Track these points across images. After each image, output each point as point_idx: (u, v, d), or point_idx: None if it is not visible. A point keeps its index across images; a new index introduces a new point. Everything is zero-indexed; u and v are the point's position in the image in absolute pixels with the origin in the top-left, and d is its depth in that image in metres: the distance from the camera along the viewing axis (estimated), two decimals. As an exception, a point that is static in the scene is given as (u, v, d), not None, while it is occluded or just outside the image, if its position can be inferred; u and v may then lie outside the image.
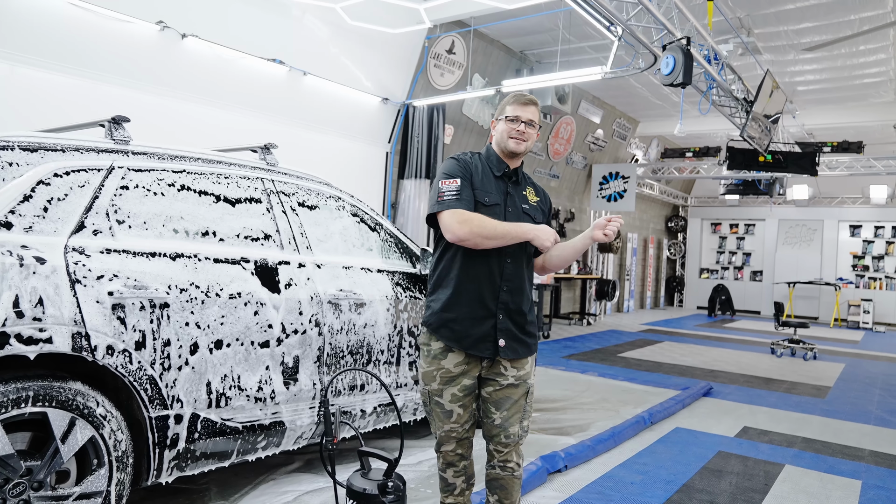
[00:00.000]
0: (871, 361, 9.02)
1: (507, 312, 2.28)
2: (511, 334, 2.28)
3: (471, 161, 2.35)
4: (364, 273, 3.38)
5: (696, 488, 3.50)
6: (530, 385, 2.34)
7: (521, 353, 2.31)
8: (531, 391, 2.36)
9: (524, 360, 2.33)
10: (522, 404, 2.32)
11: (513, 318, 2.29)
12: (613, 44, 5.91)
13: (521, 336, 2.31)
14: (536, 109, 2.35)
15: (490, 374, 2.30)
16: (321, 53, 6.51)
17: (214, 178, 2.92)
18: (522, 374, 2.32)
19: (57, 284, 2.18)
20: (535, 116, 2.34)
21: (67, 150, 2.44)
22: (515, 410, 2.30)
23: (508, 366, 2.30)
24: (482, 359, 2.28)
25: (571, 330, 10.84)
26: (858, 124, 10.85)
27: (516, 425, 2.30)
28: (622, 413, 4.87)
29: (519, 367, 2.31)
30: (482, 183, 2.30)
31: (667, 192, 16.22)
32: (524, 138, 2.31)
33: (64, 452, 2.19)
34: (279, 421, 2.87)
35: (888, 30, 7.29)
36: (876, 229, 15.06)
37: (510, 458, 2.33)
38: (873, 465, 4.13)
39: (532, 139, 2.34)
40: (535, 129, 2.34)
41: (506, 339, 2.27)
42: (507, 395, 2.29)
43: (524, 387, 2.32)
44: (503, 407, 2.29)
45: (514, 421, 2.30)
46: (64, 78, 4.65)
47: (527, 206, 2.37)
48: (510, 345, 2.28)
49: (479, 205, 2.26)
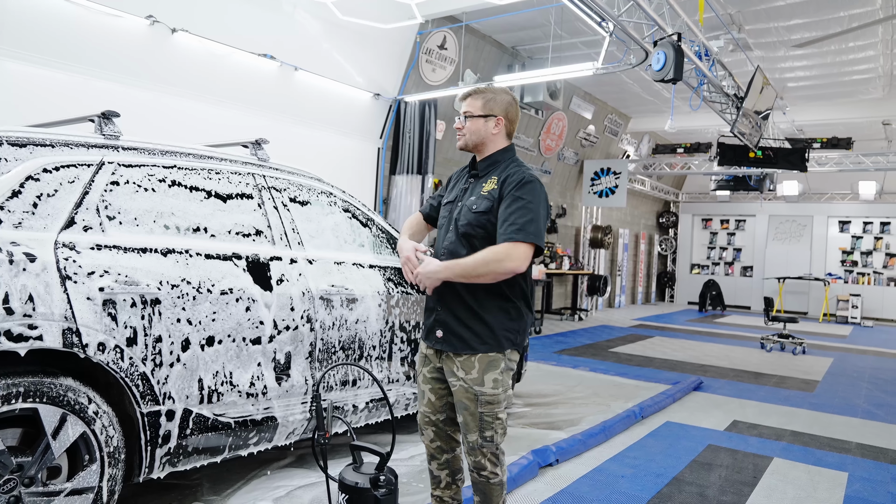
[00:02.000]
0: (858, 356, 9.12)
1: (445, 305, 2.27)
2: (448, 327, 2.25)
3: (465, 167, 2.49)
4: (356, 269, 3.38)
5: (686, 481, 3.53)
6: (479, 392, 2.18)
7: (459, 347, 2.21)
8: (482, 399, 2.19)
9: (470, 363, 2.20)
10: (475, 412, 2.20)
11: (452, 311, 2.25)
12: (605, 40, 5.92)
13: (459, 330, 2.22)
14: (474, 99, 2.31)
15: (447, 372, 2.29)
16: (312, 48, 6.49)
17: (205, 173, 2.91)
18: (471, 378, 2.20)
19: (47, 281, 2.17)
20: (473, 107, 2.30)
21: (57, 145, 2.43)
22: (470, 418, 2.21)
23: (458, 366, 2.23)
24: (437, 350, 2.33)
25: (563, 325, 10.89)
26: (848, 120, 10.93)
27: (474, 433, 2.21)
28: (613, 407, 4.91)
29: (466, 369, 2.21)
30: (453, 185, 2.45)
31: (658, 188, 16.29)
32: (461, 133, 2.33)
33: (55, 448, 2.18)
34: (271, 416, 2.87)
35: (877, 27, 7.34)
36: (864, 225, 15.20)
37: (483, 466, 2.24)
38: (860, 458, 4.18)
39: (469, 130, 2.30)
40: (474, 119, 2.29)
41: (443, 330, 2.27)
42: (459, 398, 2.24)
43: (472, 393, 2.19)
44: (460, 409, 2.25)
45: (472, 428, 2.21)
46: (53, 73, 4.61)
47: (473, 198, 2.27)
48: (447, 337, 2.26)
49: (441, 205, 2.47)
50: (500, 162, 2.31)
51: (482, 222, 2.22)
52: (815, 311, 15.11)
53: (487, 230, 2.22)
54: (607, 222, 14.13)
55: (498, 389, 2.21)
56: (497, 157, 2.32)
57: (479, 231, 2.23)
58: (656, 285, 17.28)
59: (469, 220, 2.25)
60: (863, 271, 15.09)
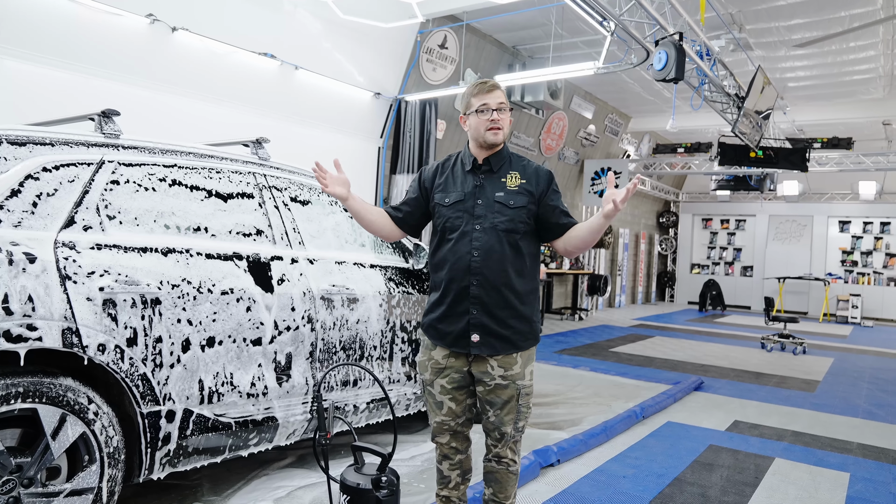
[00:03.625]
0: (859, 356, 9.11)
1: (482, 307, 2.21)
2: (487, 329, 2.21)
3: (445, 164, 2.39)
4: (357, 268, 3.37)
5: (688, 482, 3.53)
6: (521, 386, 2.25)
7: (501, 348, 2.21)
8: (522, 392, 2.26)
9: (512, 359, 2.24)
10: (514, 406, 2.25)
11: (490, 313, 2.20)
12: (606, 39, 5.91)
13: (501, 331, 2.21)
14: (502, 93, 2.26)
15: (478, 373, 2.26)
16: (313, 47, 6.47)
17: (206, 172, 2.89)
18: (511, 374, 2.23)
19: (47, 281, 2.16)
20: (504, 99, 2.26)
21: (57, 143, 2.41)
22: (508, 412, 2.25)
23: (495, 365, 2.23)
24: (467, 354, 2.27)
25: (563, 325, 10.88)
26: (848, 120, 10.92)
27: (509, 426, 2.27)
28: (614, 407, 4.90)
29: (506, 366, 2.23)
30: (447, 185, 2.32)
31: (658, 188, 16.28)
32: (499, 125, 2.22)
33: (54, 449, 2.17)
34: (272, 416, 2.86)
35: (878, 27, 7.33)
36: (864, 225, 15.18)
37: (505, 454, 2.32)
38: (861, 458, 4.17)
39: (507, 124, 2.25)
40: (507, 113, 2.25)
41: (480, 334, 2.21)
42: (496, 396, 2.25)
43: (513, 388, 2.24)
44: (495, 406, 2.26)
45: (508, 421, 2.26)
46: (53, 71, 4.60)
47: (501, 193, 2.24)
48: (486, 340, 2.21)
49: (439, 207, 2.32)
50: (507, 157, 2.31)
51: (523, 216, 2.24)
52: (815, 311, 15.10)
53: (527, 223, 2.25)
54: (607, 222, 14.10)
55: (532, 380, 2.33)
56: (504, 152, 2.32)
57: (521, 226, 2.24)
58: (656, 285, 17.27)
59: (510, 217, 2.22)
60: (863, 271, 15.08)
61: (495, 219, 2.22)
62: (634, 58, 6.22)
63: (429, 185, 2.38)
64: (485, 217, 2.23)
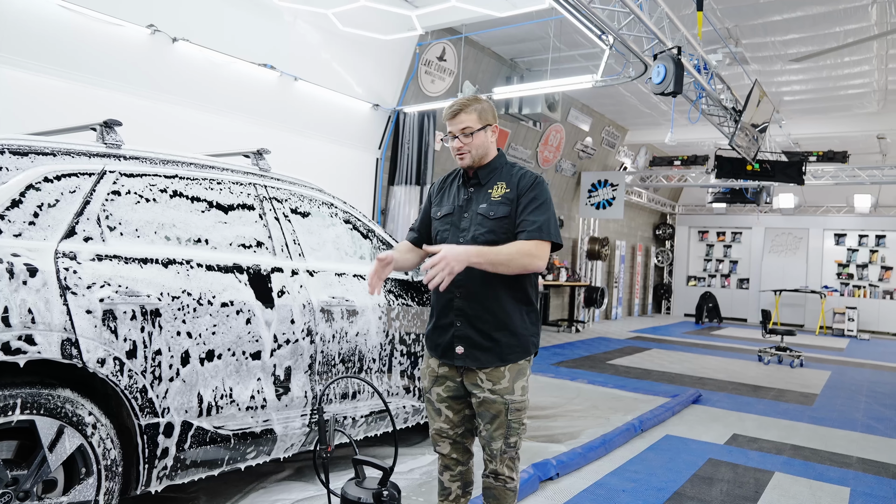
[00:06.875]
0: (856, 369, 9.11)
1: (465, 319, 2.22)
2: (471, 341, 2.22)
3: (447, 178, 2.44)
4: (357, 280, 3.36)
5: (688, 496, 3.51)
6: (509, 401, 2.22)
7: (486, 361, 2.21)
8: (512, 408, 2.23)
9: (500, 373, 2.22)
10: (504, 420, 2.23)
11: (474, 325, 2.21)
12: (605, 52, 5.94)
13: (485, 343, 2.21)
14: (468, 115, 2.22)
15: (469, 385, 2.27)
16: (313, 59, 6.50)
17: (207, 183, 2.89)
18: (499, 388, 2.21)
19: (47, 294, 2.14)
20: (469, 121, 2.22)
21: (58, 153, 2.41)
22: (497, 427, 2.24)
23: (484, 378, 2.22)
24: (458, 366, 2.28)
25: (560, 337, 10.86)
26: (843, 134, 11.00)
27: (499, 441, 2.24)
28: (612, 420, 4.88)
29: (494, 380, 2.22)
30: (443, 198, 2.40)
31: (655, 200, 16.33)
32: (462, 153, 2.24)
33: (51, 461, 2.15)
34: (270, 429, 2.84)
35: (872, 42, 7.40)
36: (860, 238, 15.25)
37: (502, 472, 2.29)
38: (861, 472, 4.16)
39: (475, 146, 2.23)
40: (472, 136, 2.22)
41: (465, 346, 2.22)
42: (486, 410, 2.24)
43: (501, 403, 2.21)
44: (485, 420, 2.26)
45: (498, 436, 2.24)
46: (54, 81, 4.60)
47: (484, 205, 2.24)
48: (469, 352, 2.22)
49: (433, 220, 2.40)
50: (499, 167, 2.32)
51: (504, 227, 2.22)
52: (812, 324, 15.12)
53: (508, 235, 2.21)
54: (604, 234, 14.15)
55: (525, 395, 2.29)
56: (495, 164, 2.32)
57: (503, 237, 2.20)
58: (653, 297, 17.28)
59: (490, 228, 2.22)
60: (859, 284, 15.13)
61: (476, 231, 2.24)
62: (632, 71, 6.27)
63: (434, 199, 2.45)
64: (468, 230, 2.26)
